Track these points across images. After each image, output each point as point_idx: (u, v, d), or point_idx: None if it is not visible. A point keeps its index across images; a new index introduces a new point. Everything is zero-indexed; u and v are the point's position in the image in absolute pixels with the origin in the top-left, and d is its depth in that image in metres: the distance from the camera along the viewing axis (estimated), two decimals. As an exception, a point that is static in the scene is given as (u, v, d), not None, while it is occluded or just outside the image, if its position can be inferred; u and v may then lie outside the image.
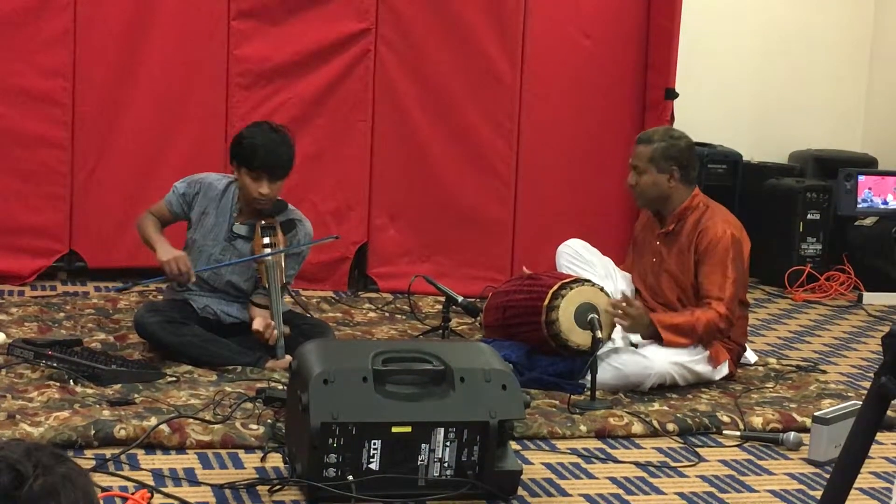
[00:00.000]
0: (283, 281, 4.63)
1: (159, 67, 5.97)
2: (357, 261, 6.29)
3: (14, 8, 5.78)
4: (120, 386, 4.14)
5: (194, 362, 4.49)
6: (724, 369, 4.73)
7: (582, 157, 6.47)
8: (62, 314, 5.21)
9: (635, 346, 4.64)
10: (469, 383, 3.41)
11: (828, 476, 2.10)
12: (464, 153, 6.28)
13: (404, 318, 5.65)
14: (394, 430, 3.32)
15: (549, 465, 3.79)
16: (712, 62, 7.53)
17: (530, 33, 6.29)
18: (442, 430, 3.36)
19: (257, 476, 3.48)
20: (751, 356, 5.08)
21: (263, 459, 3.63)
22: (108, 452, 3.57)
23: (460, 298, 5.07)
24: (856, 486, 2.07)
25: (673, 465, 3.89)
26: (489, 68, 6.25)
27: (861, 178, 7.03)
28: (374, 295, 6.08)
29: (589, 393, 4.32)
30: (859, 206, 7.02)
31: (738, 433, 4.18)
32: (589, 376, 4.31)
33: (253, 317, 4.60)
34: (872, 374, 2.02)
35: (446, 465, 3.38)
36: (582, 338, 4.44)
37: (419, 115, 6.23)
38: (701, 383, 4.68)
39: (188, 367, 4.46)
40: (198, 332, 4.55)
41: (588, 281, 4.63)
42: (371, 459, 3.31)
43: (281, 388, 4.08)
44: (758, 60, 7.74)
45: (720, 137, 7.25)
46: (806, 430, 4.14)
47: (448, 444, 3.37)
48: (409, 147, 6.25)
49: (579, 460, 3.86)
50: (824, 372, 5.13)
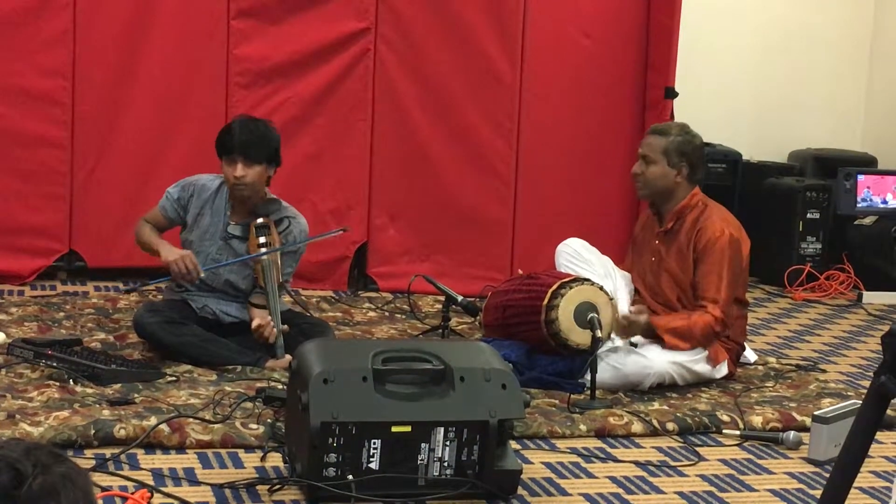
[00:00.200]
0: (281, 280, 4.63)
1: (159, 67, 5.97)
2: (357, 260, 6.29)
3: (14, 8, 5.77)
4: (120, 385, 4.14)
5: (194, 362, 4.49)
6: (723, 369, 4.73)
7: (582, 156, 6.47)
8: (62, 314, 5.21)
9: (634, 346, 4.64)
10: (469, 383, 3.41)
11: (827, 475, 2.10)
12: (464, 153, 6.28)
13: (404, 317, 5.65)
14: (394, 429, 3.32)
15: (548, 465, 3.79)
16: (712, 61, 7.52)
17: (530, 33, 6.28)
18: (442, 429, 3.36)
19: (257, 476, 3.48)
20: (750, 355, 5.08)
21: (263, 459, 3.63)
22: (108, 452, 3.57)
23: (460, 298, 5.07)
24: (855, 485, 2.07)
25: (673, 464, 3.89)
26: (489, 68, 6.24)
27: (861, 178, 7.02)
28: (373, 294, 6.08)
29: (589, 392, 4.32)
30: (859, 205, 7.01)
31: (738, 432, 4.18)
32: (588, 375, 4.32)
33: (253, 318, 4.60)
34: (872, 374, 2.01)
35: (446, 464, 3.38)
36: (582, 337, 4.45)
37: (419, 114, 6.23)
38: (700, 383, 4.68)
39: (188, 367, 4.45)
40: (197, 332, 4.56)
41: (588, 280, 4.63)
42: (371, 459, 3.31)
43: (281, 387, 4.08)
44: (757, 59, 7.74)
45: (720, 136, 7.24)
46: (806, 429, 4.14)
47: (448, 443, 3.37)
48: (409, 147, 6.25)
49: (579, 460, 3.86)
50: (824, 371, 5.13)
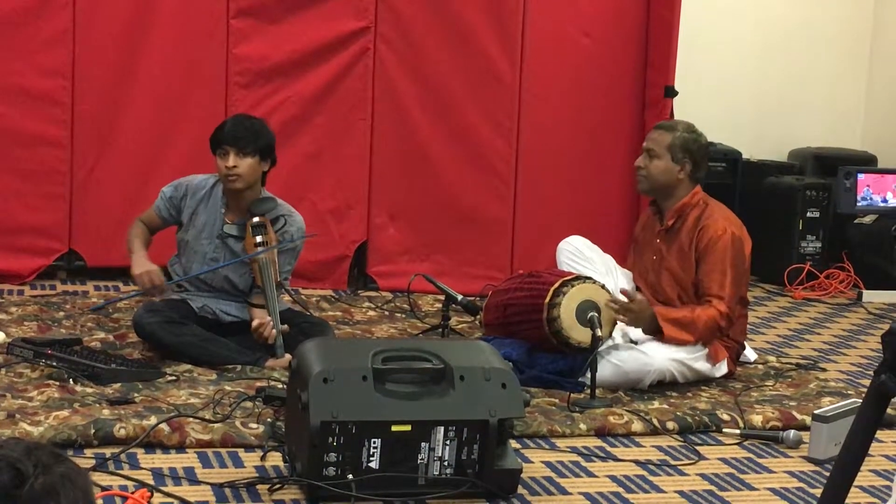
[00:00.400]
0: (279, 278, 4.63)
1: (159, 67, 5.97)
2: (357, 259, 6.29)
3: (14, 8, 5.78)
4: (119, 385, 4.13)
5: (194, 362, 4.49)
6: (723, 367, 4.73)
7: (582, 156, 6.47)
8: (62, 313, 5.21)
9: (635, 343, 4.65)
10: (469, 382, 3.41)
11: (828, 474, 2.10)
12: (463, 152, 6.27)
13: (404, 316, 5.65)
14: (393, 428, 3.32)
15: (548, 464, 3.79)
16: (712, 60, 7.52)
17: (530, 33, 6.28)
18: (442, 428, 3.36)
19: (257, 475, 3.48)
20: (750, 354, 5.08)
21: (263, 458, 3.63)
22: (108, 452, 3.57)
23: (460, 297, 5.07)
24: (856, 483, 2.07)
25: (673, 463, 3.89)
26: (489, 68, 6.24)
27: (860, 176, 7.02)
28: (373, 293, 6.08)
29: (589, 391, 4.32)
30: (859, 203, 7.01)
31: (738, 431, 4.18)
32: (589, 374, 4.32)
33: (253, 317, 4.59)
34: (872, 372, 2.01)
35: (446, 463, 3.38)
36: (583, 335, 4.44)
37: (419, 114, 6.23)
38: (700, 381, 4.68)
39: (188, 367, 4.45)
40: (197, 331, 4.55)
41: (589, 278, 4.63)
42: (371, 458, 3.31)
43: (280, 386, 4.07)
44: (757, 58, 7.74)
45: (720, 135, 7.23)
46: (806, 428, 4.14)
47: (448, 442, 3.37)
48: (408, 146, 6.25)
49: (579, 459, 3.86)
50: (824, 370, 5.13)
